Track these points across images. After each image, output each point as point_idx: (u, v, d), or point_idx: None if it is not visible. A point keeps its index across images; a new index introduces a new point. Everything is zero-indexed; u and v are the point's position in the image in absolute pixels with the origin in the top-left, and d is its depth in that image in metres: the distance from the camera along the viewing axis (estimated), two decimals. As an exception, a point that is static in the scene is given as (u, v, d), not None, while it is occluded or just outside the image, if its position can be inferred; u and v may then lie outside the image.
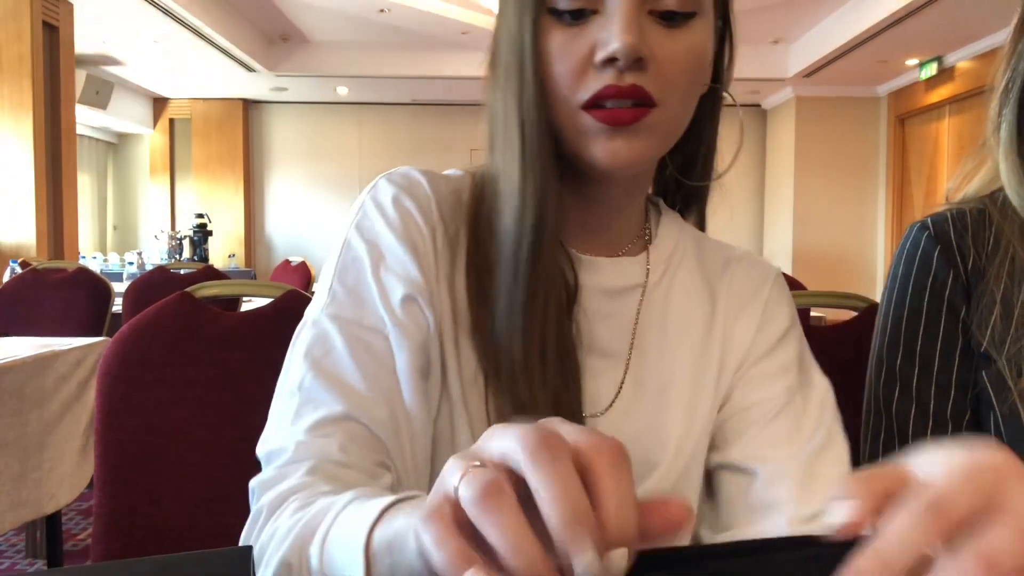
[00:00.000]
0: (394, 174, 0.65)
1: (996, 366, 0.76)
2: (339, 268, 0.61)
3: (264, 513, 0.54)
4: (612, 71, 0.56)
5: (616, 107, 0.57)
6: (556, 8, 0.57)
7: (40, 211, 4.68)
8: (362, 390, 0.57)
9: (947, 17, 5.45)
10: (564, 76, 0.58)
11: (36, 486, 1.94)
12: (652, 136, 0.59)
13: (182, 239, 7.18)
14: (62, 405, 2.06)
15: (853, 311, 1.17)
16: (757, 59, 7.22)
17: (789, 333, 0.69)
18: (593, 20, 0.57)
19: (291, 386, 0.58)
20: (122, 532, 0.96)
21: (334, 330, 0.59)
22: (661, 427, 0.65)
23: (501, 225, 0.60)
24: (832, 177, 7.95)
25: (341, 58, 7.23)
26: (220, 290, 1.09)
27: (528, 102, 0.58)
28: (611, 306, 0.66)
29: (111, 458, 0.96)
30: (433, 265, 0.62)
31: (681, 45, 0.58)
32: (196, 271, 3.40)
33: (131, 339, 0.98)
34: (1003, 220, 0.80)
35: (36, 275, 2.88)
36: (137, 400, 0.97)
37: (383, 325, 0.59)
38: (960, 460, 0.31)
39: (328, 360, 0.58)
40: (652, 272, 0.68)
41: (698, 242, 0.73)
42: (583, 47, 0.57)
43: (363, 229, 0.62)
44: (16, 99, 4.56)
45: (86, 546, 2.71)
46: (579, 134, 0.59)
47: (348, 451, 0.55)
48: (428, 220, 0.62)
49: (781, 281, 0.71)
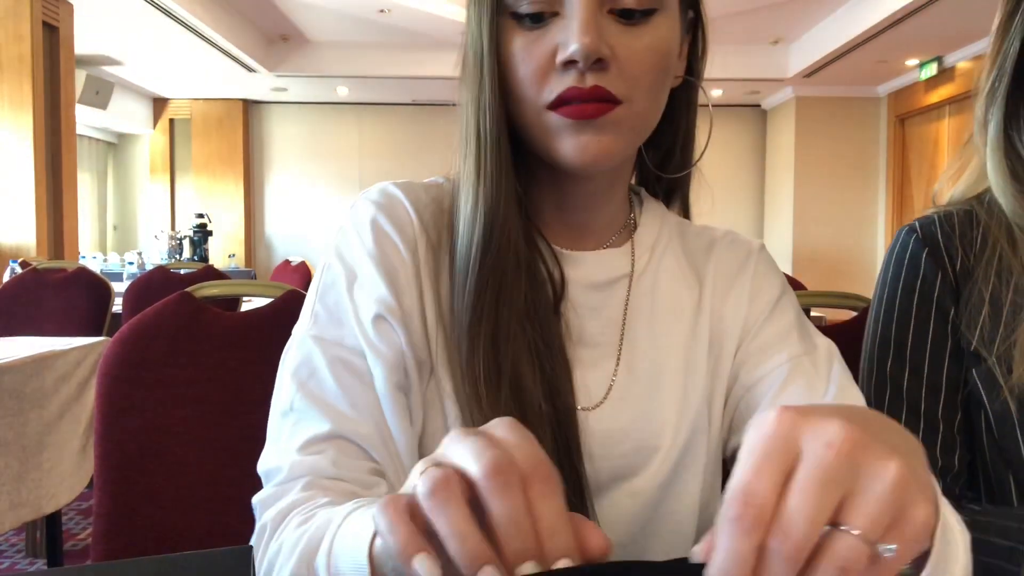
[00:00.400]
0: (372, 191, 0.67)
1: (986, 365, 0.76)
2: (320, 290, 0.64)
3: (268, 529, 0.56)
4: (574, 72, 0.57)
5: (580, 103, 0.58)
6: (517, 12, 0.58)
7: (40, 211, 4.68)
8: (345, 410, 0.59)
9: (947, 17, 5.45)
10: (527, 78, 0.59)
11: (36, 486, 1.94)
12: (619, 131, 0.60)
13: (182, 239, 7.18)
14: (62, 405, 2.06)
15: (853, 311, 1.17)
16: (757, 59, 7.22)
17: (782, 299, 0.70)
18: (553, 22, 0.58)
19: (282, 406, 0.61)
20: (122, 532, 0.96)
21: (317, 352, 0.61)
22: (657, 413, 0.65)
23: (459, 227, 0.62)
24: (832, 177, 7.94)
25: (341, 58, 7.22)
26: (220, 290, 1.09)
27: (485, 105, 0.60)
28: (598, 298, 0.67)
29: (111, 458, 0.96)
30: (414, 279, 0.63)
31: (642, 42, 0.59)
32: (196, 271, 3.40)
33: (131, 339, 0.98)
34: (990, 220, 0.80)
35: (36, 275, 2.88)
36: (137, 400, 0.97)
37: (360, 346, 0.61)
38: (746, 443, 0.33)
39: (313, 382, 0.60)
40: (637, 261, 0.69)
41: (681, 228, 0.74)
42: (544, 49, 0.58)
43: (341, 251, 0.65)
44: (16, 99, 4.56)
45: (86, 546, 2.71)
46: (546, 132, 0.60)
47: (340, 465, 0.58)
48: (405, 236, 0.64)
49: (765, 253, 0.73)
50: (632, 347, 0.67)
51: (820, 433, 0.32)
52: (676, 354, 0.67)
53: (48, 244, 4.77)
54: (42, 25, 4.71)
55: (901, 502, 0.31)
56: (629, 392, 0.66)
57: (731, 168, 8.60)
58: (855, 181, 7.96)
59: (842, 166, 7.95)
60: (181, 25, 5.64)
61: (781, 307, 0.69)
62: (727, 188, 8.54)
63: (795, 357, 0.65)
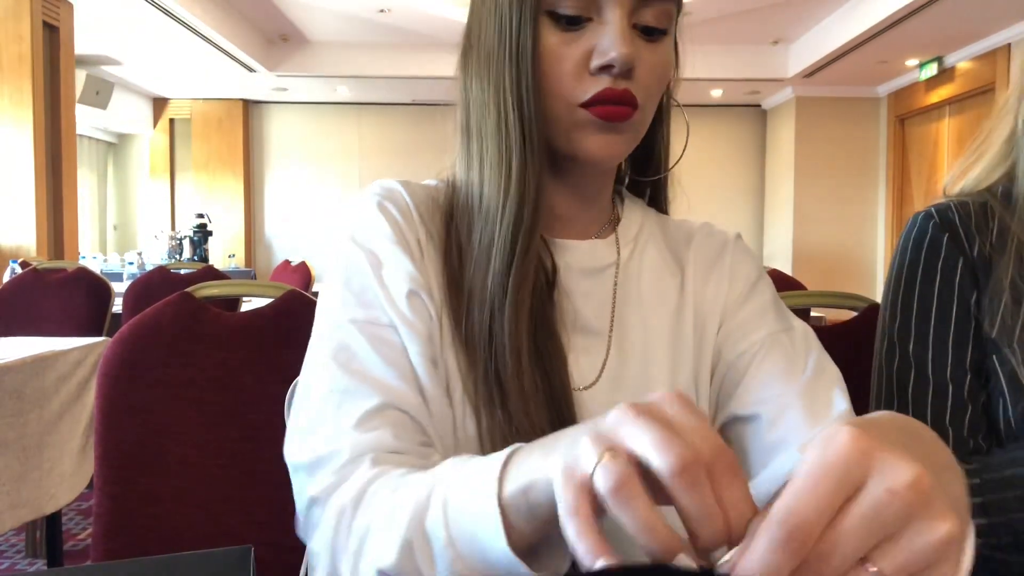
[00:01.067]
0: (375, 186, 0.71)
1: (1004, 354, 0.76)
2: (345, 278, 0.65)
3: (348, 510, 0.54)
4: (608, 76, 0.62)
5: (613, 105, 0.63)
6: (555, 11, 0.62)
7: (40, 211, 4.68)
8: (392, 381, 0.60)
9: (947, 17, 5.45)
10: (563, 76, 0.63)
11: (36, 486, 1.94)
12: (633, 133, 0.66)
13: (182, 239, 7.17)
14: (62, 405, 2.06)
15: (853, 311, 1.17)
16: (757, 59, 7.22)
17: (759, 283, 0.74)
18: (588, 27, 0.63)
19: (323, 390, 0.60)
20: (122, 532, 0.96)
21: (354, 331, 0.62)
22: (648, 390, 0.67)
23: (486, 213, 0.64)
24: (832, 177, 7.94)
25: (341, 58, 7.22)
26: (220, 290, 1.09)
27: (526, 96, 0.63)
28: (589, 284, 0.70)
29: (111, 458, 0.96)
30: (422, 262, 0.67)
31: (658, 57, 0.65)
32: (196, 271, 3.40)
33: (131, 339, 0.98)
34: (1005, 212, 0.80)
35: (36, 275, 2.88)
36: (137, 400, 0.97)
37: (393, 322, 0.63)
38: (812, 461, 0.33)
39: (356, 361, 0.61)
40: (623, 250, 0.73)
41: (661, 222, 0.79)
42: (581, 50, 0.62)
43: (359, 238, 0.67)
44: (16, 99, 4.56)
45: (86, 546, 2.71)
46: (575, 127, 0.64)
47: (401, 438, 0.59)
48: (410, 224, 0.68)
49: (741, 243, 0.77)
50: (622, 331, 0.70)
51: (889, 474, 0.32)
52: (663, 336, 0.71)
53: (48, 244, 4.77)
54: (42, 25, 4.71)
55: (936, 561, 0.32)
56: (620, 374, 0.69)
57: (731, 168, 8.60)
58: (855, 181, 7.96)
59: (842, 166, 7.95)
60: (181, 25, 5.64)
61: (758, 289, 0.73)
62: (727, 188, 8.54)
63: (773, 333, 0.69)
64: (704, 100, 8.36)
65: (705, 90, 7.87)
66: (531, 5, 0.62)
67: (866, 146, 7.96)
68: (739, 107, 8.64)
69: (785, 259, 7.94)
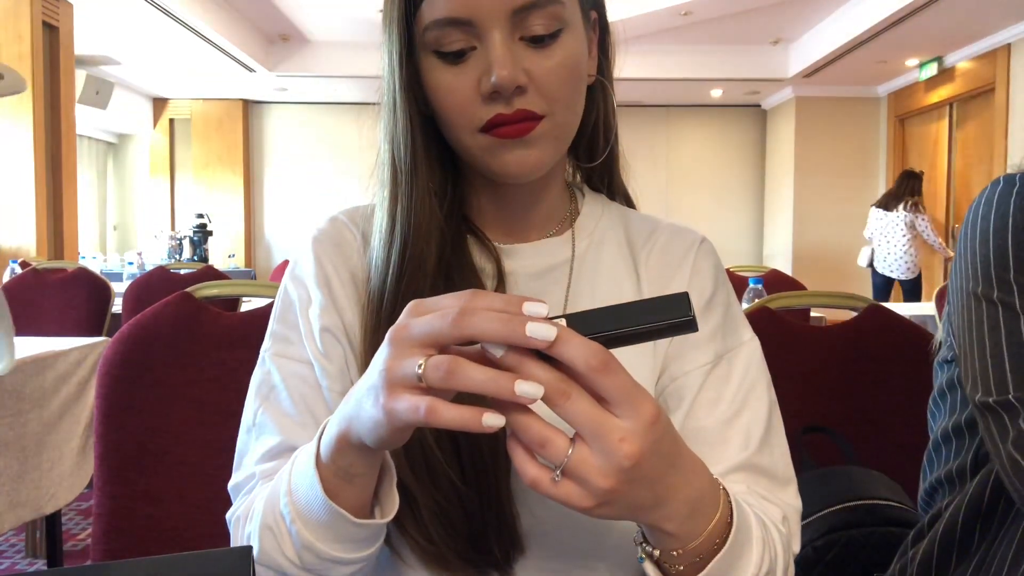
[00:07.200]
0: (319, 220, 0.75)
1: None
2: (279, 311, 0.72)
3: (241, 521, 0.63)
4: (499, 100, 0.63)
5: (508, 125, 0.63)
6: (439, 51, 0.64)
7: (40, 211, 4.68)
8: (297, 421, 0.67)
9: (947, 17, 5.45)
10: (457, 108, 0.64)
11: (35, 486, 1.94)
12: (545, 143, 0.65)
13: (182, 239, 7.17)
14: (62, 405, 2.06)
15: (853, 311, 1.17)
16: (757, 59, 7.22)
17: (714, 299, 0.73)
18: (473, 56, 0.63)
19: (247, 423, 0.69)
20: (122, 532, 0.96)
21: (275, 369, 0.69)
22: None
23: (374, 244, 0.69)
24: (832, 177, 7.94)
25: (341, 58, 7.22)
26: (220, 290, 1.09)
27: (398, 138, 0.67)
28: (539, 286, 0.71)
29: (111, 458, 0.96)
30: (346, 299, 0.70)
31: (554, 61, 0.64)
32: (196, 271, 3.40)
33: (131, 339, 0.98)
34: None
35: (36, 275, 2.88)
36: (137, 400, 0.97)
37: (311, 358, 0.68)
38: (625, 384, 0.44)
39: (272, 395, 0.68)
40: (577, 246, 0.74)
41: (624, 216, 0.78)
42: (469, 81, 0.63)
43: (294, 276, 0.72)
44: (16, 99, 4.56)
45: (86, 546, 2.71)
46: (482, 151, 0.65)
47: None
48: (345, 259, 0.72)
49: (707, 246, 0.76)
50: None
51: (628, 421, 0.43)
52: None
53: (48, 244, 4.77)
54: (42, 25, 4.71)
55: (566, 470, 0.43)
56: None
57: (731, 168, 8.59)
58: (855, 181, 7.96)
59: (842, 166, 7.95)
60: (181, 25, 5.64)
61: (712, 306, 0.72)
62: (727, 188, 8.53)
63: (716, 358, 0.70)
64: (704, 100, 8.36)
65: (705, 90, 7.87)
66: (404, 48, 0.64)
67: (866, 146, 7.96)
68: (739, 107, 8.64)
69: (785, 259, 7.93)
